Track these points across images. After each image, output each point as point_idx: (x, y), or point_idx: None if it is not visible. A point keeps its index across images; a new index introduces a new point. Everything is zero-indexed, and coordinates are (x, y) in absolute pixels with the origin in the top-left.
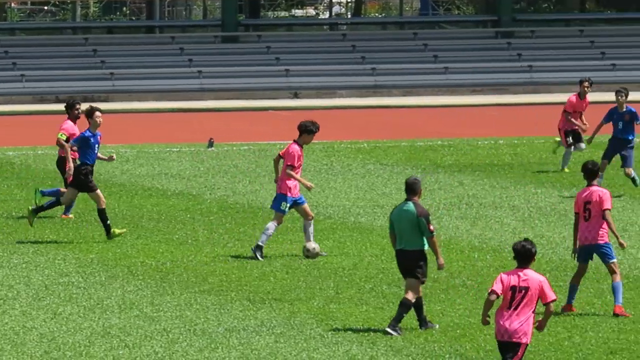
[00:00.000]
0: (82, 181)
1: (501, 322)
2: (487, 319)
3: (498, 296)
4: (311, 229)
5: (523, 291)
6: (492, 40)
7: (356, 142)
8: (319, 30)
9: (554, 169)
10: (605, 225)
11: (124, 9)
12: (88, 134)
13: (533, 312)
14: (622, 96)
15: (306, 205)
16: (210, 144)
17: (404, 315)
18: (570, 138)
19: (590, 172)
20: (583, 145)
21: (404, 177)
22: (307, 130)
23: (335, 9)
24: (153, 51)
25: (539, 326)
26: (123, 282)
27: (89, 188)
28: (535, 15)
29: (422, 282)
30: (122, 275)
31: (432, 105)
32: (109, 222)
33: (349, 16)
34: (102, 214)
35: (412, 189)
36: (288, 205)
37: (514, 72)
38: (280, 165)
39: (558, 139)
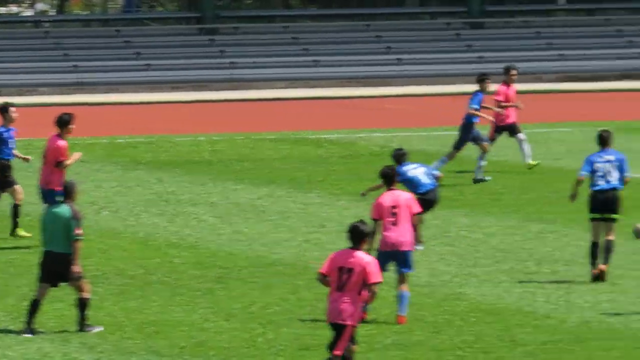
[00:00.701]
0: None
1: (329, 304)
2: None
3: (324, 276)
4: None
5: (349, 272)
6: (196, 37)
7: None
8: (21, 28)
9: (252, 167)
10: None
11: None
12: (2, 129)
13: (359, 294)
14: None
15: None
16: None
17: (87, 312)
18: (507, 133)
19: (390, 176)
20: (522, 135)
21: (104, 174)
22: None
23: (39, 6)
24: None
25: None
26: None
27: (8, 183)
28: (238, 12)
29: (80, 279)
30: None
31: (133, 102)
32: (18, 219)
33: (54, 14)
34: (15, 209)
35: (67, 191)
36: None
37: (215, 69)
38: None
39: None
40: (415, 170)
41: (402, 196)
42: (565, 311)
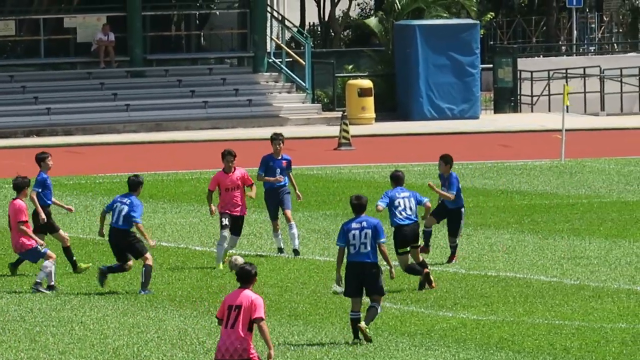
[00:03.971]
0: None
1: (221, 342)
2: None
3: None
4: None
5: (237, 309)
6: None
7: None
8: None
9: None
10: None
11: None
12: (45, 176)
13: (250, 330)
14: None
15: None
16: None
17: None
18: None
19: None
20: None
21: None
22: None
23: None
24: None
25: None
26: None
27: (53, 228)
28: None
29: None
30: None
31: None
32: (74, 258)
33: None
34: (67, 251)
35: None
36: None
37: None
38: None
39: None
40: None
41: None
42: None
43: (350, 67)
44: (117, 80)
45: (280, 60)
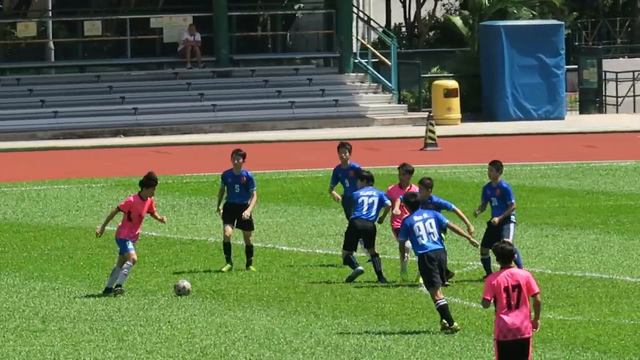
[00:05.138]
0: None
1: (506, 321)
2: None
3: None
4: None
5: (517, 289)
6: None
7: None
8: None
9: None
10: None
11: None
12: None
13: (527, 307)
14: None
15: None
16: None
17: None
18: None
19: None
20: None
21: None
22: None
23: None
24: None
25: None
26: None
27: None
28: None
29: None
30: None
31: None
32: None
33: None
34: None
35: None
36: None
37: None
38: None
39: None
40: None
41: None
42: None
43: (436, 68)
44: (203, 80)
45: (366, 60)
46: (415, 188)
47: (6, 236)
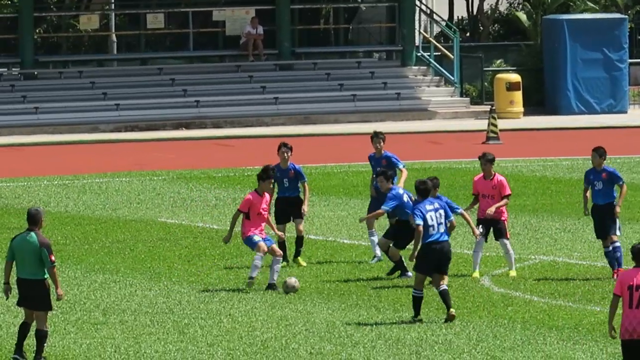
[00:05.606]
0: None
1: (625, 320)
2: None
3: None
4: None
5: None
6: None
7: None
8: None
9: None
10: None
11: None
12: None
13: None
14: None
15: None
16: None
17: (45, 345)
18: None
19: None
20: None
21: None
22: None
23: None
24: None
25: None
26: None
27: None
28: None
29: (49, 310)
30: None
31: None
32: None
33: None
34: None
35: (34, 219)
36: None
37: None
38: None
39: None
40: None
41: None
42: None
43: (499, 61)
44: (265, 73)
45: (429, 54)
46: (500, 177)
47: (68, 229)
